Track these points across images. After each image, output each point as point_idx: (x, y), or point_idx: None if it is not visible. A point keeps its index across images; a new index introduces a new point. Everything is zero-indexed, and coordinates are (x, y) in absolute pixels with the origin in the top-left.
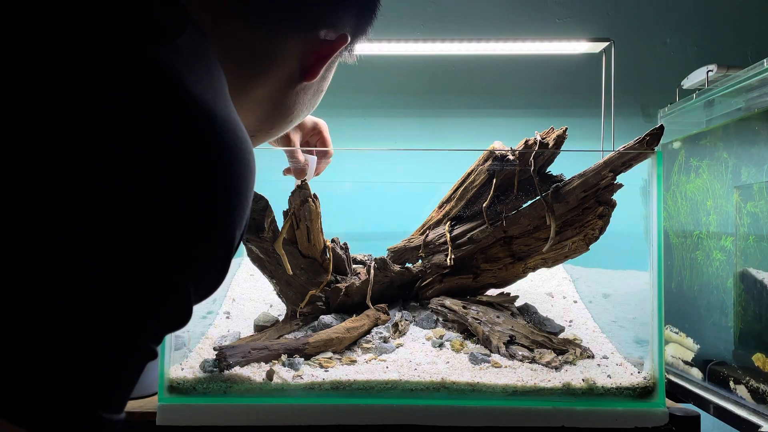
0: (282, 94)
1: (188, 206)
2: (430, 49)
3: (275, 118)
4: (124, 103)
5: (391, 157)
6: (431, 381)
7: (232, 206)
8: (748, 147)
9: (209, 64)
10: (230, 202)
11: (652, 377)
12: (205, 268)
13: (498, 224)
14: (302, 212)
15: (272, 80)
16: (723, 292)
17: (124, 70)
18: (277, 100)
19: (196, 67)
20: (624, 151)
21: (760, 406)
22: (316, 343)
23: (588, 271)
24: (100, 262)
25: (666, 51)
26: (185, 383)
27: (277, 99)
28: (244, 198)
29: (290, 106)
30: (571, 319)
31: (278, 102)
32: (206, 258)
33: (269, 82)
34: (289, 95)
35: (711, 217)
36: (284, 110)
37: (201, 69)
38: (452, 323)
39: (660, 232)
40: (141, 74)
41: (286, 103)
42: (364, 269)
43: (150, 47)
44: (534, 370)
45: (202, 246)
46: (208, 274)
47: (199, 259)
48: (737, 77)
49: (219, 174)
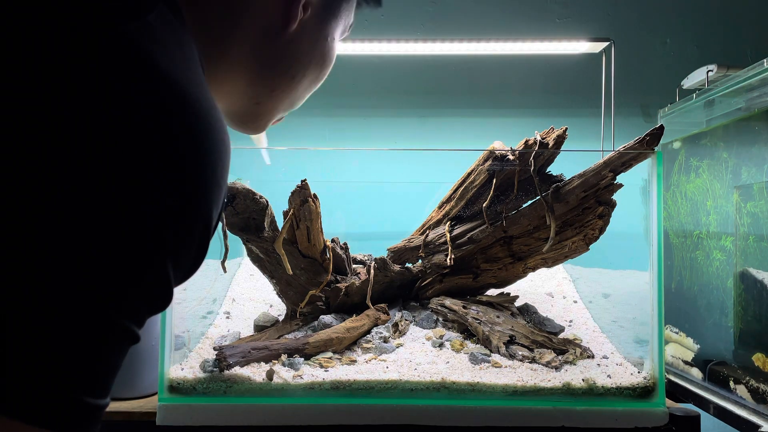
0: (266, 49)
1: (161, 184)
2: (430, 49)
3: (269, 77)
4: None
5: (391, 157)
6: (431, 381)
7: (206, 183)
8: (748, 147)
9: (181, 39)
10: (204, 179)
11: (652, 377)
12: (183, 246)
13: (498, 224)
14: (302, 212)
15: (247, 36)
16: (723, 292)
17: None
18: (262, 56)
19: (168, 43)
20: (624, 151)
21: (760, 406)
22: (316, 343)
23: (588, 271)
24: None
25: (666, 51)
26: (185, 383)
27: (261, 55)
28: (219, 175)
29: (283, 60)
30: (571, 319)
31: (265, 58)
32: (183, 235)
33: (245, 39)
34: (277, 48)
35: (711, 217)
36: (277, 66)
37: (172, 46)
38: (452, 323)
39: (660, 232)
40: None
41: (276, 58)
42: (364, 269)
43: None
44: (534, 370)
45: (177, 223)
46: (186, 254)
47: (175, 236)
48: (737, 77)
49: (191, 151)
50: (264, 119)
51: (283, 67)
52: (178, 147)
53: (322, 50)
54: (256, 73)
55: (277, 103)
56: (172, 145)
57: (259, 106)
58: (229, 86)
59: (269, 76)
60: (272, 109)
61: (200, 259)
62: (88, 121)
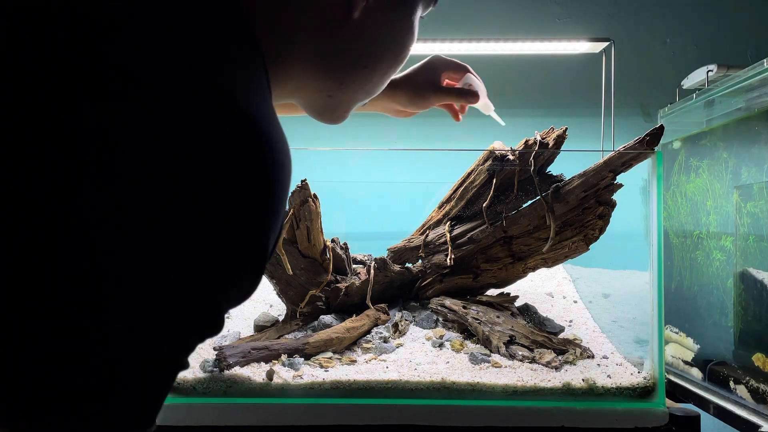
0: (329, 42)
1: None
2: (430, 49)
3: (337, 69)
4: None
5: (391, 157)
6: (431, 381)
7: (267, 214)
8: (748, 147)
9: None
10: (268, 217)
11: (652, 377)
12: (239, 280)
13: (498, 224)
14: (302, 212)
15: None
16: (723, 292)
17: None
18: (326, 50)
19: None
20: (624, 151)
21: (760, 406)
22: (316, 343)
23: (588, 271)
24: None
25: (666, 51)
26: (185, 383)
27: (324, 49)
28: (279, 204)
29: (350, 51)
30: (571, 319)
31: (329, 52)
32: (240, 270)
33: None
34: (341, 40)
35: (711, 217)
36: (344, 58)
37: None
38: (452, 323)
39: (660, 232)
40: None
41: (341, 50)
42: (364, 269)
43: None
44: (534, 370)
45: (237, 259)
46: (242, 286)
47: (234, 272)
48: (737, 77)
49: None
50: (341, 110)
51: (351, 58)
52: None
53: (395, 34)
54: (323, 67)
55: (352, 95)
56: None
57: (332, 99)
58: (298, 83)
59: (337, 68)
60: (348, 101)
61: (254, 286)
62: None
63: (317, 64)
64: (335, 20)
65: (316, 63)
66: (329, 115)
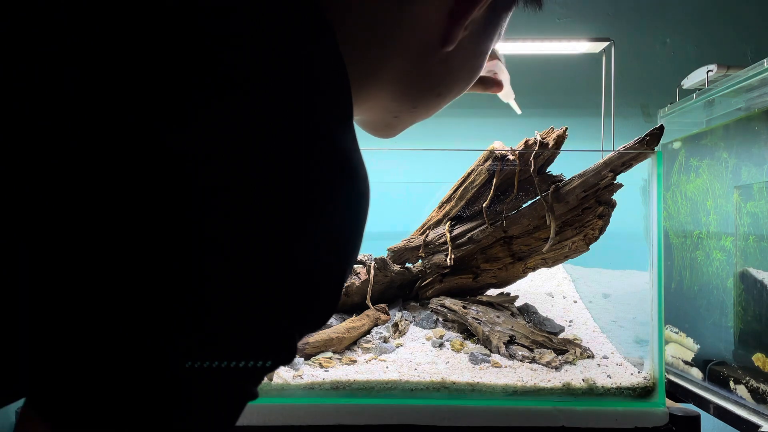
0: (417, 68)
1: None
2: None
3: (414, 94)
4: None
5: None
6: (431, 381)
7: (355, 251)
8: (748, 147)
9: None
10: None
11: (652, 377)
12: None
13: (498, 224)
14: None
15: (401, 55)
16: (723, 292)
17: None
18: (412, 75)
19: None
20: (624, 151)
21: (760, 406)
22: (316, 343)
23: (588, 271)
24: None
25: (666, 51)
26: None
27: (411, 74)
28: (358, 237)
29: (431, 79)
30: (571, 319)
31: (414, 77)
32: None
33: (398, 59)
34: (429, 67)
35: (711, 217)
36: (424, 84)
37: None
38: (452, 323)
39: (660, 232)
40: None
41: (425, 76)
42: (364, 269)
43: None
44: (534, 370)
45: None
46: (319, 319)
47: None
48: (737, 77)
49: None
50: (398, 130)
51: (430, 85)
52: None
53: (472, 66)
54: (403, 90)
55: (416, 117)
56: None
57: (397, 120)
58: (372, 102)
59: (414, 93)
60: (409, 122)
61: (328, 317)
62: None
63: (399, 87)
64: (429, 48)
65: (398, 85)
66: (384, 131)
